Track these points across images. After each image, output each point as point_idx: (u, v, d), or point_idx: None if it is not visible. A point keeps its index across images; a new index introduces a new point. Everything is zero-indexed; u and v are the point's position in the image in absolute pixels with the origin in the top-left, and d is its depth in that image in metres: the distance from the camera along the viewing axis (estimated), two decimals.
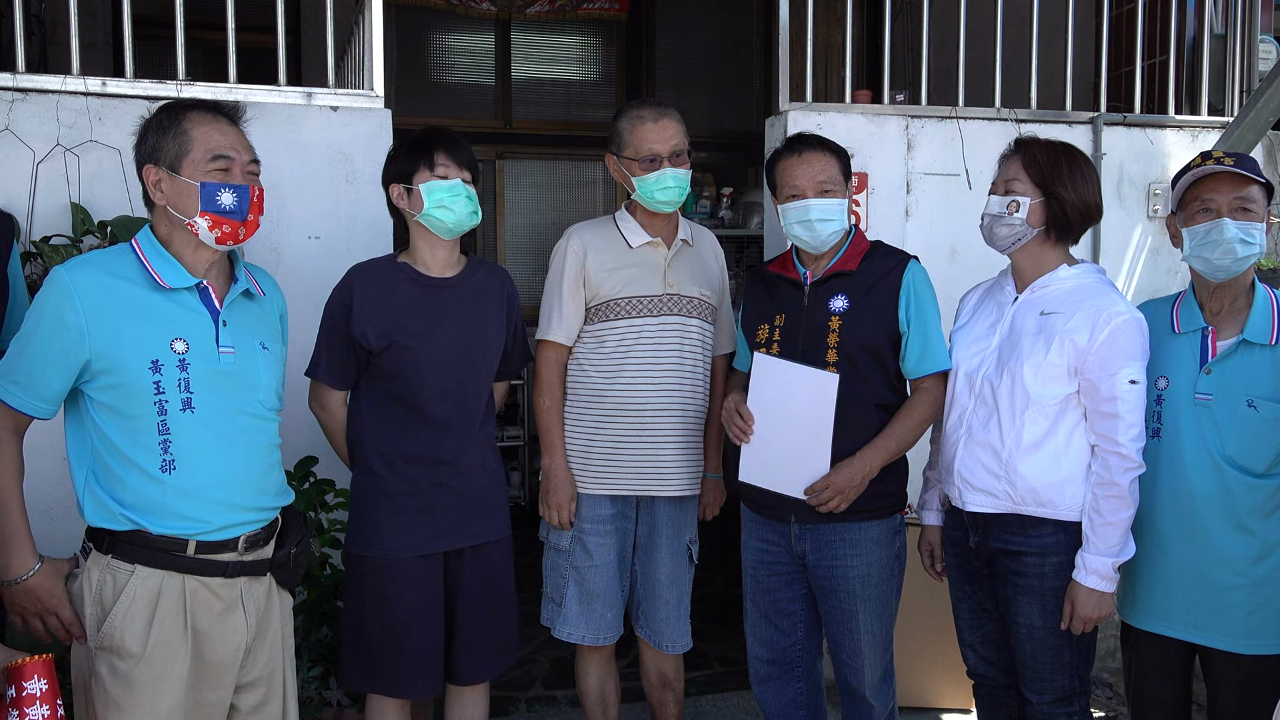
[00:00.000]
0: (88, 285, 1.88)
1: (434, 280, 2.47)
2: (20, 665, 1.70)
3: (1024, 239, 2.30)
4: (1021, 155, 2.31)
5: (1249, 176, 2.17)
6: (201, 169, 1.93)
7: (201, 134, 1.94)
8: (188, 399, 1.90)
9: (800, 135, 2.53)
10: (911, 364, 2.45)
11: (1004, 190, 2.31)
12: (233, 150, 1.96)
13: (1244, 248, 2.16)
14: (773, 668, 2.61)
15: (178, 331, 1.92)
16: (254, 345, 2.02)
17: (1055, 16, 3.77)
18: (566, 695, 3.52)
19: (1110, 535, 2.19)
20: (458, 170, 2.41)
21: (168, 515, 1.89)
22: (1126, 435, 2.17)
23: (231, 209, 1.94)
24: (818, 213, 2.41)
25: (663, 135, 2.59)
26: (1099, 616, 2.22)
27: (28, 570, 1.88)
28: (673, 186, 2.61)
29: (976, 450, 2.30)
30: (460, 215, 2.40)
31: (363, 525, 2.44)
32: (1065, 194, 2.26)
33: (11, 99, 2.79)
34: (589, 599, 2.68)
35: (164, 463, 1.89)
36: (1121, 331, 2.18)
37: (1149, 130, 3.80)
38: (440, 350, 2.41)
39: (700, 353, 2.72)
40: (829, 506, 2.36)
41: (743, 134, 5.98)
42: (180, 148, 1.93)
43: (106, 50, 4.95)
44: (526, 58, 5.99)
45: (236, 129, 2.00)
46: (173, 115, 1.96)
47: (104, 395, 1.89)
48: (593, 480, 2.67)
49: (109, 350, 1.87)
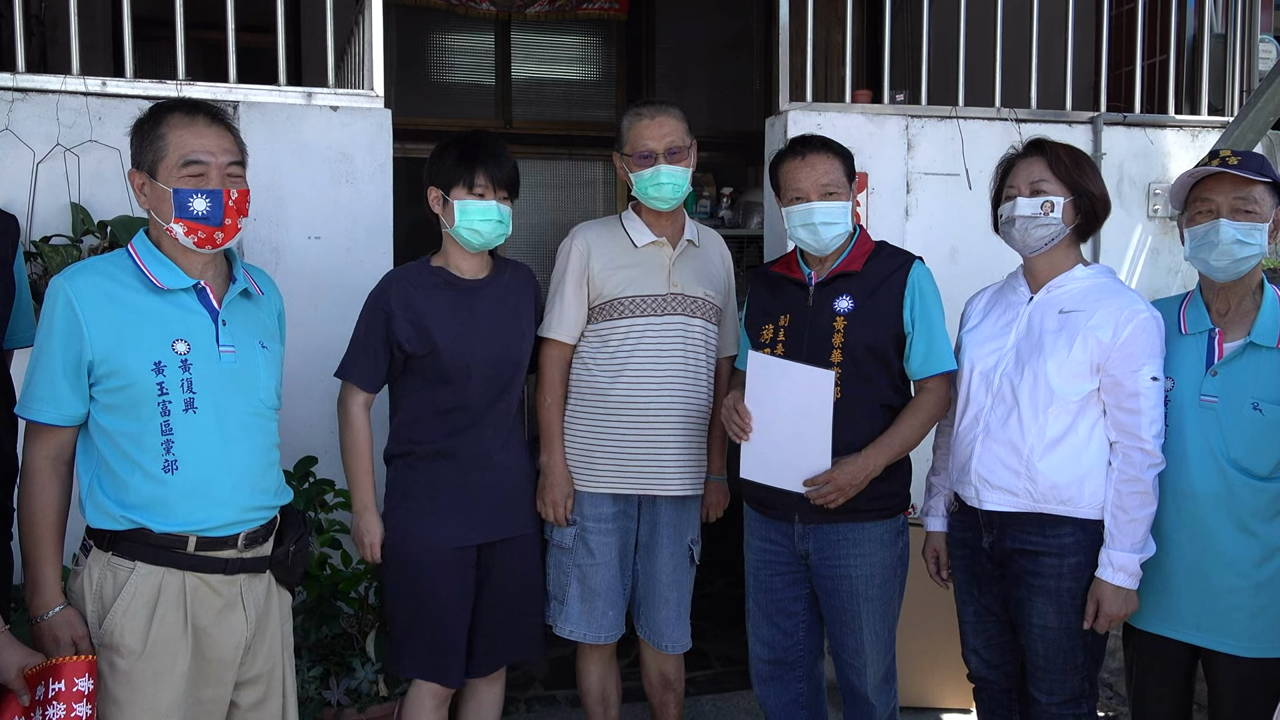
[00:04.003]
0: (86, 290, 1.89)
1: (469, 283, 2.53)
2: (62, 663, 1.75)
3: (1058, 238, 2.31)
4: (1046, 157, 2.32)
5: (1250, 178, 2.16)
6: (175, 174, 1.91)
7: (176, 138, 1.91)
8: (190, 399, 1.91)
9: (803, 137, 2.53)
10: (916, 364, 2.44)
11: (1031, 192, 2.31)
12: (207, 154, 1.92)
13: (1241, 249, 2.16)
14: (774, 668, 2.61)
15: (179, 332, 1.93)
16: (254, 344, 2.02)
17: (1055, 16, 3.76)
18: (566, 695, 3.51)
19: (1135, 531, 2.19)
20: (494, 191, 2.44)
21: (170, 514, 1.90)
22: (1149, 431, 2.19)
23: (204, 215, 1.91)
24: (821, 216, 2.41)
25: (658, 132, 2.60)
26: (1124, 614, 2.23)
27: (50, 610, 1.89)
28: (667, 183, 2.61)
29: (995, 448, 2.30)
30: (488, 238, 2.47)
31: (403, 517, 2.49)
32: (1093, 189, 2.30)
33: (11, 99, 2.79)
34: (591, 597, 2.68)
35: (167, 463, 1.90)
36: (1143, 329, 2.20)
37: (1149, 130, 3.80)
38: (479, 349, 2.47)
39: (704, 353, 2.72)
40: (826, 501, 2.36)
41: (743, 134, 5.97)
42: (157, 153, 1.92)
43: (106, 50, 4.94)
44: (526, 58, 5.98)
45: (218, 129, 1.95)
46: (153, 119, 1.95)
47: (108, 398, 1.90)
48: (595, 479, 2.67)
49: (112, 354, 1.88)
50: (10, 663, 1.77)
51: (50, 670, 1.74)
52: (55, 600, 1.90)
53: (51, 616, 1.89)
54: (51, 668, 1.75)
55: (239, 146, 2.00)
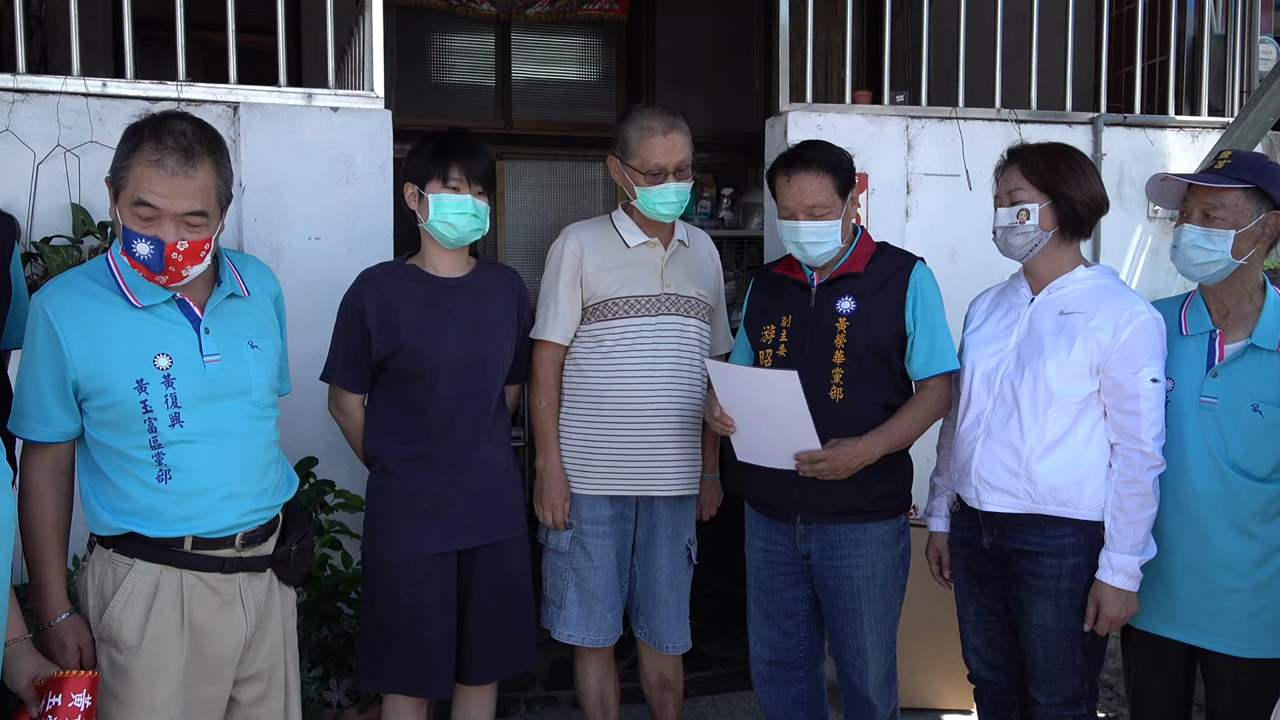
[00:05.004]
0: (65, 309, 1.87)
1: (442, 280, 2.49)
2: (65, 677, 1.74)
3: (1040, 244, 2.29)
4: (1019, 164, 2.31)
5: (1213, 186, 2.16)
6: (128, 210, 1.83)
7: (137, 174, 1.81)
8: (175, 414, 1.89)
9: (794, 152, 2.47)
10: (918, 364, 2.45)
11: (1009, 201, 2.31)
12: (163, 200, 1.81)
13: (1200, 254, 2.18)
14: (775, 668, 2.61)
15: (160, 346, 1.90)
16: (241, 346, 1.99)
17: (1055, 17, 3.77)
18: (566, 696, 3.51)
19: (1135, 533, 2.19)
20: (469, 185, 2.41)
21: (166, 520, 1.91)
22: (1149, 433, 2.18)
23: (145, 259, 1.83)
24: (807, 236, 2.41)
25: (670, 150, 2.58)
26: (1124, 616, 2.23)
27: (56, 617, 1.91)
28: (674, 201, 2.62)
29: (996, 449, 2.30)
30: (463, 232, 2.43)
31: (378, 525, 2.46)
32: (1071, 192, 2.27)
33: (12, 100, 2.79)
34: (589, 600, 2.68)
35: (160, 473, 1.90)
36: (1143, 330, 2.19)
37: (1149, 131, 3.80)
38: (450, 349, 2.42)
39: (698, 353, 2.72)
40: (816, 473, 2.33)
41: (743, 134, 5.97)
42: (120, 179, 1.84)
43: (107, 51, 4.94)
44: (526, 58, 5.98)
45: (184, 176, 1.82)
46: (130, 139, 1.85)
47: (98, 414, 1.90)
48: (591, 481, 2.66)
49: (95, 373, 1.87)
50: (23, 672, 1.77)
51: (51, 684, 1.74)
52: (61, 607, 1.92)
53: (58, 623, 1.90)
54: (53, 681, 1.74)
55: (215, 187, 1.87)
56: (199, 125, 1.88)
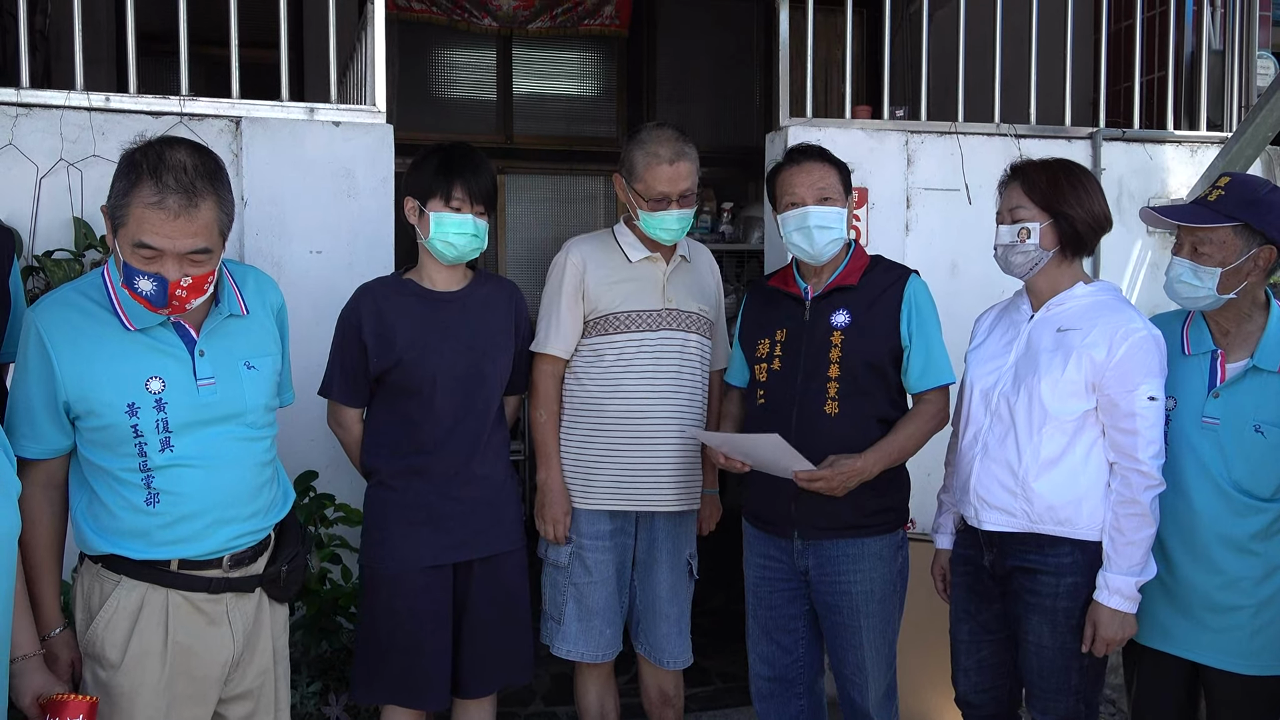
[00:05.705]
0: (56, 327, 1.85)
1: (439, 295, 2.49)
2: (65, 700, 1.73)
3: (1040, 263, 2.28)
4: (1022, 181, 2.30)
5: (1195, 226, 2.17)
6: (129, 249, 1.78)
7: (138, 215, 1.76)
8: (166, 439, 1.87)
9: (800, 146, 2.55)
10: (914, 378, 2.44)
11: (1011, 219, 2.30)
12: (166, 242, 1.76)
13: (1186, 289, 2.20)
14: (774, 684, 2.59)
15: (152, 370, 1.87)
16: (237, 368, 1.96)
17: (1054, 32, 3.78)
18: (567, 712, 3.50)
19: (1132, 554, 2.16)
20: (471, 205, 2.41)
21: (151, 543, 1.90)
22: (1147, 452, 2.15)
23: (149, 295, 1.80)
24: (816, 219, 2.41)
25: (675, 179, 2.58)
26: (1121, 638, 2.20)
27: (49, 632, 1.91)
28: (676, 228, 2.62)
29: (993, 467, 2.29)
30: (463, 251, 2.43)
31: (374, 538, 2.46)
32: (1072, 211, 2.25)
33: (15, 114, 2.80)
34: (588, 616, 2.67)
35: (148, 496, 1.88)
36: (1139, 348, 2.17)
37: (1148, 145, 3.81)
38: (446, 362, 2.42)
39: (699, 368, 2.72)
40: (813, 489, 2.34)
41: (743, 149, 5.98)
42: (119, 215, 1.79)
43: (110, 66, 4.97)
44: (528, 73, 6.00)
45: (185, 219, 1.77)
46: (127, 172, 1.79)
47: (89, 435, 1.89)
48: (591, 495, 2.66)
49: (86, 395, 1.85)
50: (29, 688, 1.76)
51: (52, 706, 1.73)
52: (55, 622, 1.91)
53: (52, 638, 1.90)
54: (54, 703, 1.74)
55: (218, 221, 1.83)
56: (199, 157, 1.82)
